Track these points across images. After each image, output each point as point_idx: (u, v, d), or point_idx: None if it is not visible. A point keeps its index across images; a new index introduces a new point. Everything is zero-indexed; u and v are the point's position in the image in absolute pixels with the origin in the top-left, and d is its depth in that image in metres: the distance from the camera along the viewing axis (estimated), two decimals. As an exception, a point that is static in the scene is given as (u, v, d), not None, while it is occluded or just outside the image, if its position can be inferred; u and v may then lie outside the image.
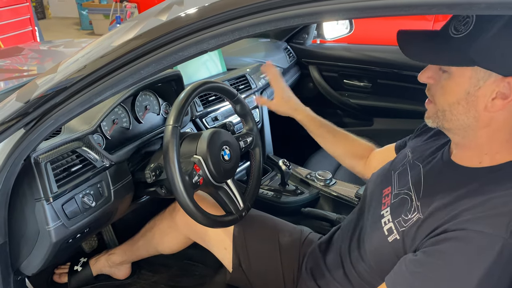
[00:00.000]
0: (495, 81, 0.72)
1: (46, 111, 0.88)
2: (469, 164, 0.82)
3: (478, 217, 0.71)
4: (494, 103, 0.73)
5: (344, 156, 1.28)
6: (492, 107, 0.74)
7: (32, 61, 2.02)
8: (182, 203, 1.06)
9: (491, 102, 0.73)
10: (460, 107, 0.77)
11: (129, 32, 0.80)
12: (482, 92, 0.73)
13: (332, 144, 1.28)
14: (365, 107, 2.28)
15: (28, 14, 4.47)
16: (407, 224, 0.82)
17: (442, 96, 0.79)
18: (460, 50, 0.72)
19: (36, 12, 7.74)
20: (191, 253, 1.59)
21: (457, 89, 0.76)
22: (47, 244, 1.04)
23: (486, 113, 0.75)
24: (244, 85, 1.83)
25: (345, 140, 1.27)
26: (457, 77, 0.75)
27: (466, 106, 0.76)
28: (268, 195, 1.64)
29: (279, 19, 0.69)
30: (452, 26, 0.75)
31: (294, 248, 1.22)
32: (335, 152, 1.29)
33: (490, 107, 0.74)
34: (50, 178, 1.02)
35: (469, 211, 0.73)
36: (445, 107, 0.79)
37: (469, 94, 0.75)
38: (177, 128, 1.06)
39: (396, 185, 0.95)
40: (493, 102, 0.73)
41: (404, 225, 0.83)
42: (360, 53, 2.24)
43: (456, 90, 0.76)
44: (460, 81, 0.75)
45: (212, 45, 0.76)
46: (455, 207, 0.75)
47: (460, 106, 0.77)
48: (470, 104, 0.75)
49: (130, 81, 0.83)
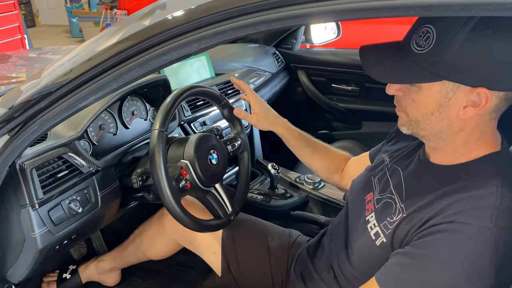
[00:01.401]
0: (464, 91, 0.73)
1: (31, 117, 0.88)
2: (446, 163, 0.84)
3: (463, 210, 0.73)
4: (466, 111, 0.75)
5: (321, 170, 1.29)
6: (464, 115, 0.75)
7: (21, 68, 2.02)
8: (169, 208, 1.06)
9: (463, 110, 0.75)
10: (433, 117, 0.78)
11: (112, 37, 0.81)
12: (453, 102, 0.75)
13: (310, 158, 1.27)
14: (353, 111, 2.30)
15: (17, 22, 4.44)
16: (392, 226, 0.84)
17: (414, 109, 0.80)
18: (426, 67, 0.73)
19: (26, 20, 7.70)
20: (181, 259, 1.58)
21: (429, 101, 0.77)
22: (33, 251, 1.03)
23: (459, 120, 0.77)
24: (232, 90, 1.84)
25: (323, 153, 1.26)
26: (426, 91, 0.77)
27: (439, 116, 0.78)
28: (258, 199, 1.64)
29: (261, 22, 0.69)
30: (414, 41, 0.76)
31: (282, 251, 1.22)
32: (312, 165, 1.28)
33: (462, 115, 0.75)
34: (35, 184, 1.01)
35: (454, 205, 0.75)
36: (418, 117, 0.81)
37: (440, 106, 0.76)
38: (163, 132, 1.06)
39: (377, 190, 0.96)
40: (464, 110, 0.75)
41: (390, 227, 0.84)
42: (347, 57, 2.26)
43: (427, 103, 0.77)
44: (430, 94, 0.76)
45: (195, 49, 0.76)
46: (439, 203, 0.77)
47: (433, 117, 0.78)
48: (443, 113, 0.77)
49: (114, 85, 0.83)
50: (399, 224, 0.82)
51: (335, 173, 1.26)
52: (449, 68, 0.72)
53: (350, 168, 1.23)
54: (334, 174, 1.26)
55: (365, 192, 1.00)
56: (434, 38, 0.72)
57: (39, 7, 8.44)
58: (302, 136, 1.26)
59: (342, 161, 1.26)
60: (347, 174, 1.24)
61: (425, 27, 0.74)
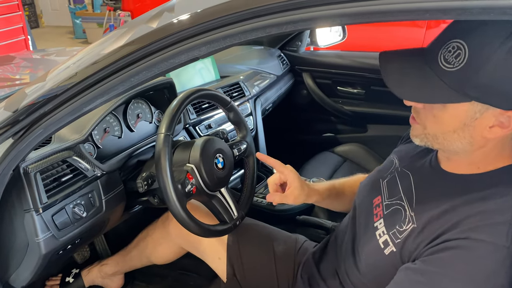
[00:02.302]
0: (494, 113, 0.69)
1: (35, 120, 0.86)
2: (460, 172, 0.81)
3: (478, 226, 0.70)
4: (492, 131, 0.71)
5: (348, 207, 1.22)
6: (489, 134, 0.72)
7: (24, 70, 2.01)
8: (174, 213, 1.04)
9: (489, 130, 0.71)
10: (455, 135, 0.74)
11: (119, 39, 0.79)
12: (479, 122, 0.71)
13: (338, 205, 1.22)
14: (359, 114, 2.27)
15: (21, 23, 4.45)
16: (402, 235, 0.81)
17: (434, 124, 0.76)
18: (455, 87, 0.68)
19: (30, 21, 7.72)
20: (185, 263, 1.56)
21: (452, 120, 0.73)
22: (36, 256, 1.02)
23: (482, 138, 0.73)
24: (237, 93, 1.82)
25: (349, 193, 1.19)
26: (452, 109, 0.72)
27: (461, 134, 0.74)
28: (263, 203, 1.62)
29: (272, 25, 0.68)
30: (442, 56, 0.70)
31: (289, 256, 1.20)
32: (342, 208, 1.23)
33: (487, 134, 0.72)
34: (39, 189, 1.00)
35: (468, 219, 0.72)
36: (437, 133, 0.77)
37: (465, 125, 0.72)
38: (169, 136, 1.05)
39: (386, 194, 0.93)
40: (491, 130, 0.71)
41: (400, 236, 0.81)
42: (353, 60, 2.24)
43: (451, 121, 0.73)
44: (456, 113, 0.72)
45: (203, 52, 0.75)
46: (452, 215, 0.74)
47: (455, 134, 0.74)
48: (466, 132, 0.73)
49: (121, 88, 0.81)
50: (410, 235, 0.79)
51: None
52: (481, 89, 0.67)
53: None
54: None
55: (373, 195, 0.97)
56: (466, 56, 0.66)
57: (42, 8, 8.46)
58: (331, 190, 1.16)
59: None
60: None
61: (455, 42, 0.68)
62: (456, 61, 0.68)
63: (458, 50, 0.68)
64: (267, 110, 2.08)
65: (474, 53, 0.66)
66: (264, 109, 2.03)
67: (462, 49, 0.67)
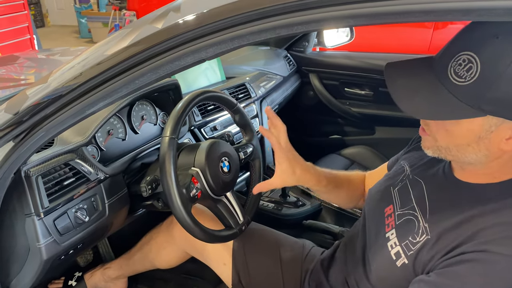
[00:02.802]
0: (509, 126, 0.66)
1: (36, 123, 0.84)
2: (475, 181, 0.77)
3: (496, 238, 0.67)
4: (509, 143, 0.68)
5: (349, 203, 1.21)
6: (506, 146, 0.69)
7: (29, 70, 1.99)
8: (179, 218, 1.02)
9: (505, 142, 0.68)
10: (469, 148, 0.71)
11: (123, 40, 0.77)
12: (495, 134, 0.68)
13: (338, 198, 1.19)
14: (366, 116, 2.24)
15: (26, 22, 4.45)
16: (415, 247, 0.77)
17: (447, 137, 0.73)
18: (468, 102, 0.65)
19: (35, 20, 7.74)
20: (189, 267, 1.54)
21: (467, 134, 0.70)
22: (37, 262, 1.00)
23: (498, 150, 0.70)
24: (243, 94, 1.80)
25: (347, 188, 1.15)
26: (465, 124, 0.69)
27: (476, 147, 0.71)
28: (269, 207, 1.59)
29: (282, 26, 0.65)
30: (452, 70, 0.67)
31: (296, 263, 1.17)
32: (340, 203, 1.22)
33: (504, 146, 0.69)
34: (41, 193, 0.97)
35: (486, 231, 0.68)
36: (451, 146, 0.74)
37: (480, 138, 0.69)
38: (174, 139, 1.02)
39: (398, 204, 0.89)
40: (507, 142, 0.68)
41: (412, 248, 0.78)
42: (361, 61, 2.20)
43: (465, 135, 0.70)
44: (470, 127, 0.69)
45: (210, 54, 0.72)
46: (468, 227, 0.71)
47: (469, 147, 0.71)
48: (481, 145, 0.70)
49: (125, 91, 0.79)
50: (423, 246, 0.76)
51: (360, 199, 1.19)
52: (495, 103, 0.64)
53: (369, 184, 1.16)
54: (359, 201, 1.19)
55: (384, 204, 0.93)
56: (478, 69, 0.63)
57: (48, 7, 8.48)
58: (329, 180, 1.09)
59: (361, 184, 1.19)
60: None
61: (465, 55, 0.65)
62: (467, 74, 0.65)
63: (469, 64, 0.64)
64: (273, 111, 2.05)
65: (486, 66, 0.63)
66: (270, 110, 1.99)
67: (474, 62, 0.64)
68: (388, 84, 0.72)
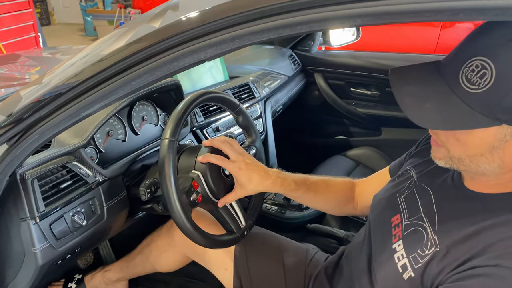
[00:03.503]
0: None
1: (31, 125, 0.81)
2: (487, 191, 0.73)
3: (509, 252, 0.63)
4: None
5: (330, 209, 1.17)
6: None
7: (32, 68, 1.96)
8: (179, 223, 0.99)
9: None
10: (482, 158, 0.68)
11: (119, 40, 0.73)
12: (510, 143, 0.64)
13: (314, 202, 1.14)
14: (372, 116, 2.20)
15: (31, 20, 4.44)
16: (423, 260, 0.74)
17: (459, 148, 0.69)
18: (482, 110, 0.61)
19: (41, 18, 7.76)
20: (190, 270, 1.51)
21: (480, 144, 0.66)
22: (33, 267, 0.97)
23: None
24: (247, 94, 1.76)
25: (325, 192, 1.12)
26: (479, 133, 0.65)
27: (489, 157, 0.67)
28: (272, 210, 1.56)
29: (285, 26, 0.61)
30: (463, 76, 0.63)
31: (299, 269, 1.14)
32: (320, 207, 1.17)
33: None
34: (37, 196, 0.95)
35: (498, 244, 0.65)
36: (463, 156, 0.70)
37: (494, 148, 0.66)
38: (173, 142, 0.99)
39: (405, 213, 0.85)
40: None
41: (420, 261, 0.74)
42: (367, 60, 2.16)
43: (478, 145, 0.66)
44: (483, 136, 0.65)
45: (210, 54, 0.69)
46: (480, 239, 0.67)
47: (482, 157, 0.67)
48: (495, 155, 0.66)
49: (121, 93, 0.76)
50: (432, 259, 0.72)
51: (346, 205, 1.14)
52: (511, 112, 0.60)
53: (369, 189, 1.11)
54: (345, 207, 1.14)
55: (390, 213, 0.89)
56: (493, 75, 0.59)
57: (54, 5, 8.49)
58: (299, 184, 1.07)
59: (348, 190, 1.14)
60: (364, 199, 1.12)
61: (478, 61, 0.61)
62: (481, 81, 0.61)
63: (483, 70, 0.60)
64: (277, 112, 2.02)
65: (502, 72, 0.59)
66: (274, 111, 1.96)
67: (488, 68, 0.60)
68: (394, 91, 0.68)
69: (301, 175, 1.11)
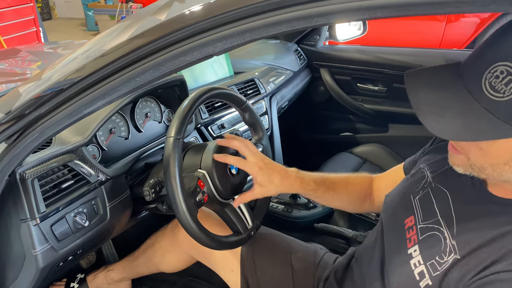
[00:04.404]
0: None
1: (30, 123, 0.78)
2: (509, 196, 0.70)
3: None
4: None
5: (349, 207, 1.13)
6: None
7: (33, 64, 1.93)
8: (184, 224, 0.95)
9: None
10: (506, 167, 0.64)
11: (122, 34, 0.70)
12: None
13: (333, 202, 1.09)
14: (380, 113, 2.16)
15: (32, 14, 4.41)
16: (442, 268, 0.70)
17: (481, 157, 0.66)
18: (507, 119, 0.57)
19: (42, 12, 7.71)
20: (196, 270, 1.47)
21: (504, 153, 0.62)
22: (33, 270, 0.94)
23: None
24: (252, 90, 1.72)
25: (344, 190, 1.07)
26: (503, 143, 0.61)
27: None
28: (278, 208, 1.53)
29: (300, 18, 0.57)
30: (487, 83, 0.59)
31: (308, 271, 1.11)
32: (338, 206, 1.13)
33: None
34: (37, 196, 0.91)
35: None
36: (485, 165, 0.66)
37: None
38: (179, 140, 0.95)
39: (420, 215, 0.81)
40: None
41: (439, 268, 0.70)
42: (374, 55, 2.12)
43: (502, 155, 0.63)
44: (508, 146, 0.61)
45: (219, 49, 0.65)
46: (502, 244, 0.64)
47: (506, 166, 0.64)
48: None
49: (125, 89, 0.72)
50: (452, 266, 0.68)
51: (364, 202, 1.10)
52: None
53: (382, 187, 1.08)
54: (363, 204, 1.10)
55: (404, 214, 0.85)
56: None
57: (55, 0, 8.43)
58: (318, 183, 1.03)
59: (366, 186, 1.10)
60: (379, 195, 1.08)
61: (503, 66, 0.57)
62: (507, 89, 0.57)
63: (508, 76, 0.56)
64: (282, 108, 1.98)
65: None
66: (280, 107, 1.92)
67: None
68: (411, 98, 0.64)
69: (318, 174, 1.06)
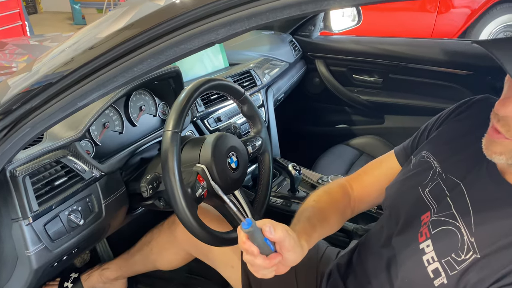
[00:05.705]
0: None
1: (21, 117, 0.74)
2: None
3: None
4: None
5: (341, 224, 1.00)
6: None
7: (20, 57, 1.87)
8: (184, 221, 0.92)
9: None
10: None
11: (119, 21, 0.66)
12: None
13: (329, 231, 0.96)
14: (375, 104, 2.14)
15: (17, 8, 4.31)
16: (460, 267, 0.66)
17: None
18: None
19: (27, 6, 7.54)
20: (193, 266, 1.45)
21: None
22: (27, 271, 0.90)
23: None
24: (248, 82, 1.68)
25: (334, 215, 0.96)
26: None
27: None
28: (277, 202, 1.50)
29: (309, 1, 0.54)
30: None
31: (310, 266, 1.08)
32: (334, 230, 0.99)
33: None
34: (29, 195, 0.87)
35: None
36: None
37: None
38: (177, 134, 0.92)
39: (433, 207, 0.77)
40: None
41: (457, 267, 0.67)
42: (370, 46, 2.09)
43: None
44: None
45: (221, 36, 0.61)
46: None
47: None
48: None
49: (121, 80, 0.68)
50: (471, 266, 0.65)
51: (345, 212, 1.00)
52: None
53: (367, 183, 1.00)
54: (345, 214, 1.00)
55: (413, 208, 0.81)
56: None
57: (41, -7, 8.27)
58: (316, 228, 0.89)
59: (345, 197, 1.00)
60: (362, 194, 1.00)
61: None
62: None
63: None
64: (278, 100, 1.95)
65: None
66: (276, 99, 1.89)
67: None
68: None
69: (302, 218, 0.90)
